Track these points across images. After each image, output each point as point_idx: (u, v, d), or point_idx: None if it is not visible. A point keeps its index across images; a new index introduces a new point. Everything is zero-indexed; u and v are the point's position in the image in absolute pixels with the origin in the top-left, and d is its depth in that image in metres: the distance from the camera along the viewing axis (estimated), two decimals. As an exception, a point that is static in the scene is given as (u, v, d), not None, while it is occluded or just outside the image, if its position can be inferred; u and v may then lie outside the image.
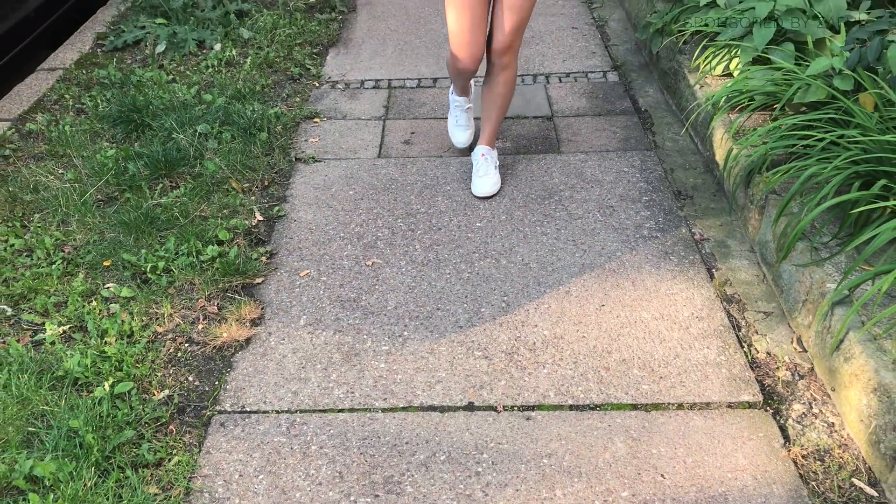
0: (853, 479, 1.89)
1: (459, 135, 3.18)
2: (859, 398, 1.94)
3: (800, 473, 1.91)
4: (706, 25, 3.21)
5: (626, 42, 4.18)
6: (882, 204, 2.06)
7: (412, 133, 3.40)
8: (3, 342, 2.30)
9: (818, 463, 1.94)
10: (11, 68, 4.08)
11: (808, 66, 2.60)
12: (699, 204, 2.89)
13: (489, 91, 2.90)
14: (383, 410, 2.10)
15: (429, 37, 4.31)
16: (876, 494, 1.86)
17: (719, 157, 2.89)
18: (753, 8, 2.88)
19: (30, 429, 2.00)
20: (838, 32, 2.83)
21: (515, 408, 2.10)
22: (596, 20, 4.46)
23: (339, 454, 1.98)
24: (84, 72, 3.86)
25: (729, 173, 2.78)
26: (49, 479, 1.85)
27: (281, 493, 1.88)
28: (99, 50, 4.14)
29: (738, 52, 2.94)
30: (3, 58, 3.98)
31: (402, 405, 2.12)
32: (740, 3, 3.06)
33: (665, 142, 3.27)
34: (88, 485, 1.85)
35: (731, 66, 3.03)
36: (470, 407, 2.11)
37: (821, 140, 2.38)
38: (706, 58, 3.18)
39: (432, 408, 2.11)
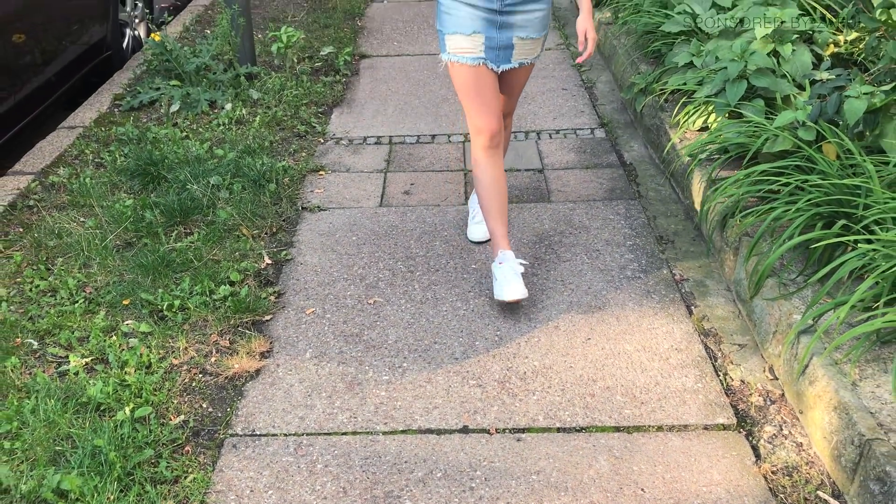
0: (818, 492, 2.05)
1: (475, 230, 3.15)
2: (822, 417, 2.11)
3: (769, 487, 2.07)
4: (685, 84, 3.46)
5: (612, 102, 4.44)
6: (840, 239, 2.25)
7: (412, 184, 3.62)
8: (30, 373, 2.47)
9: (786, 478, 2.10)
10: (33, 127, 4.32)
11: (775, 119, 2.83)
12: (679, 248, 3.09)
13: (492, 186, 2.77)
14: (384, 433, 2.26)
15: (427, 97, 4.57)
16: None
17: (697, 204, 3.10)
18: (726, 67, 3.12)
19: (56, 448, 2.16)
20: (804, 89, 3.08)
21: (507, 430, 2.26)
22: (584, 82, 4.73)
23: (343, 472, 2.13)
24: (103, 129, 4.11)
25: (706, 219, 2.99)
26: (75, 493, 2.00)
27: (289, 507, 2.03)
28: (116, 109, 4.39)
29: (714, 108, 3.18)
30: (27, 118, 4.22)
31: (401, 428, 2.28)
32: (715, 63, 3.31)
33: (648, 192, 3.49)
34: (111, 498, 2.00)
35: (709, 121, 3.27)
36: (465, 430, 2.27)
37: (787, 185, 2.59)
38: (685, 114, 3.42)
39: (430, 430, 2.27)
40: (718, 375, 2.45)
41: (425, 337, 2.64)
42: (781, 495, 2.04)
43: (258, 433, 2.27)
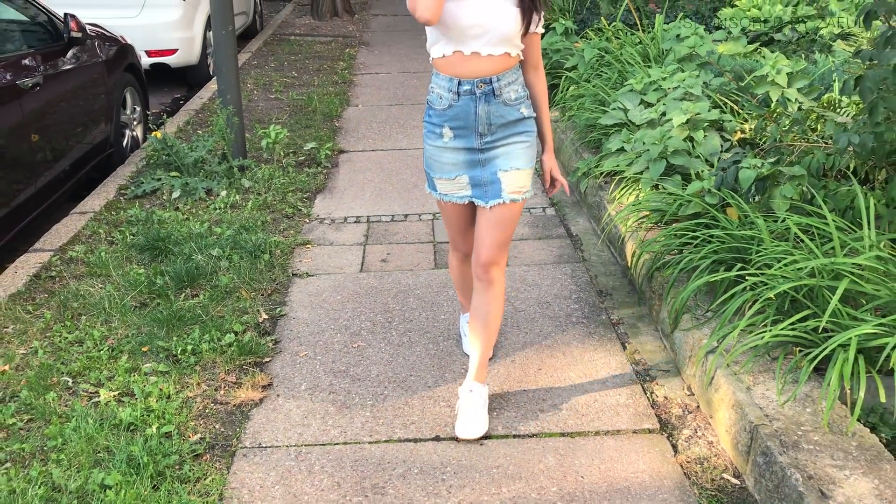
0: (723, 475, 2.54)
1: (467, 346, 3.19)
2: (725, 415, 2.62)
3: (684, 472, 2.55)
4: (618, 166, 4.09)
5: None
6: (737, 275, 2.81)
7: (388, 254, 4.16)
8: (68, 403, 2.90)
9: (698, 466, 2.58)
10: (45, 215, 4.82)
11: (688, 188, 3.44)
12: (616, 299, 3.64)
13: (474, 312, 2.79)
14: (370, 443, 2.72)
15: (400, 185, 5.17)
16: (738, 483, 2.50)
17: (630, 262, 3.67)
18: (649, 150, 3.76)
19: (97, 456, 2.59)
20: (713, 166, 3.71)
21: (472, 439, 2.73)
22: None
23: (337, 471, 2.58)
24: (112, 213, 4.63)
25: (636, 272, 3.55)
26: (117, 487, 2.43)
27: (293, 497, 2.47)
28: (122, 197, 4.92)
29: (641, 184, 3.80)
30: (42, 205, 4.72)
31: (384, 439, 2.74)
32: (641, 147, 3.95)
33: (591, 256, 4.06)
34: (146, 491, 2.43)
35: (638, 195, 3.88)
36: (437, 438, 2.74)
37: (696, 238, 3.18)
38: (620, 190, 4.03)
39: (408, 440, 2.73)
40: (646, 394, 2.96)
41: (402, 371, 3.13)
42: (693, 477, 2.53)
43: (264, 445, 2.72)
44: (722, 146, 3.84)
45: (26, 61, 4.60)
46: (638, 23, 6.26)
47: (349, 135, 6.25)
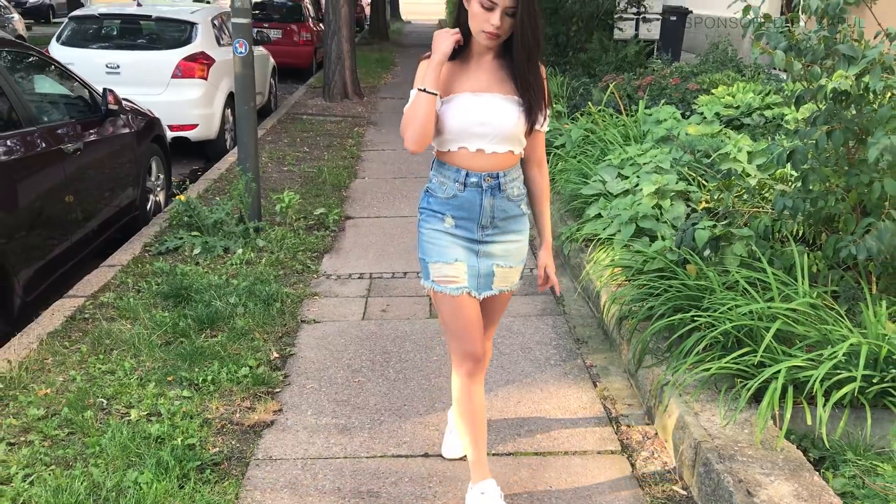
0: (673, 487, 2.92)
1: (452, 445, 3.12)
2: (676, 435, 3.02)
3: (640, 485, 2.94)
4: (596, 230, 4.57)
5: (549, 251, 5.54)
6: (688, 315, 3.25)
7: (388, 305, 4.60)
8: (103, 421, 3.31)
9: (652, 480, 2.97)
10: (75, 268, 5.28)
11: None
12: (591, 346, 4.07)
13: (464, 406, 2.70)
14: (367, 457, 3.12)
15: (401, 247, 5.64)
16: (686, 493, 2.88)
17: (603, 314, 4.11)
18: (620, 215, 4.24)
19: (131, 460, 2.98)
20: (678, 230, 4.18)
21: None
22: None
23: (337, 479, 2.97)
24: (138, 266, 5.09)
25: (608, 321, 3.98)
26: (148, 484, 2.82)
27: (300, 498, 2.86)
28: (147, 254, 5.39)
29: (614, 244, 4.27)
30: (74, 259, 5.18)
31: (379, 454, 3.13)
32: (615, 213, 4.44)
33: (571, 310, 4.50)
34: (173, 488, 2.82)
35: (612, 254, 4.35)
36: (426, 455, 3.13)
37: (658, 290, 3.62)
38: (597, 251, 4.50)
39: (400, 456, 3.13)
40: (611, 423, 3.36)
41: (397, 402, 3.54)
42: (647, 489, 2.91)
43: (274, 458, 3.11)
44: (687, 213, 4.32)
45: (70, 129, 5.15)
46: (622, 108, 6.84)
47: (356, 203, 6.77)
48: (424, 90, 2.46)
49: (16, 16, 18.35)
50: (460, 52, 2.54)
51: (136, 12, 9.46)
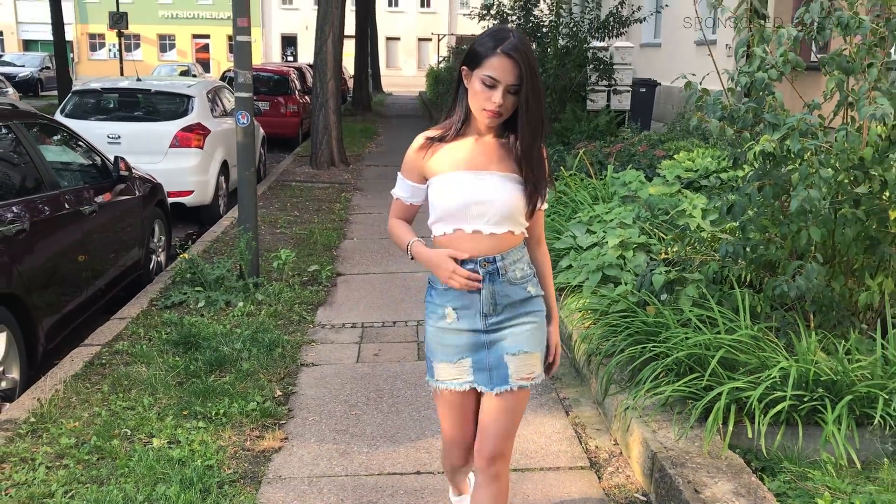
0: (634, 494, 3.35)
1: None
2: (636, 451, 3.46)
3: (605, 494, 3.36)
4: (567, 280, 5.06)
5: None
6: (642, 346, 3.72)
7: (379, 350, 5.04)
8: (128, 448, 3.69)
9: (616, 490, 3.40)
10: (85, 323, 5.67)
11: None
12: (565, 381, 4.52)
13: None
14: (365, 475, 3.52)
15: (390, 299, 6.10)
16: (645, 499, 3.31)
17: (574, 352, 4.57)
18: (588, 264, 4.75)
19: (157, 478, 3.37)
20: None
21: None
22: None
23: (340, 492, 3.37)
24: (147, 318, 5.51)
25: (579, 359, 4.44)
26: (175, 497, 3.21)
27: (307, 508, 3.25)
28: (153, 308, 5.81)
29: (584, 290, 4.76)
30: (85, 314, 5.58)
31: (377, 472, 3.54)
32: (585, 263, 4.94)
33: (546, 352, 4.96)
34: (197, 500, 3.21)
35: (582, 300, 4.83)
36: (418, 472, 3.55)
37: (618, 326, 4.10)
38: (569, 298, 4.98)
39: (395, 473, 3.54)
40: (581, 444, 3.79)
41: (391, 430, 3.95)
42: (612, 496, 3.34)
43: (283, 477, 3.51)
44: (647, 262, 4.83)
45: (86, 193, 5.62)
46: (592, 172, 7.43)
47: (346, 261, 7.24)
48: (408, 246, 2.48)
49: (10, 90, 18.99)
50: (459, 130, 2.45)
51: (136, 86, 10.06)
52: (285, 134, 16.77)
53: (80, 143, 6.11)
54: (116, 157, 6.23)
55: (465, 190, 2.39)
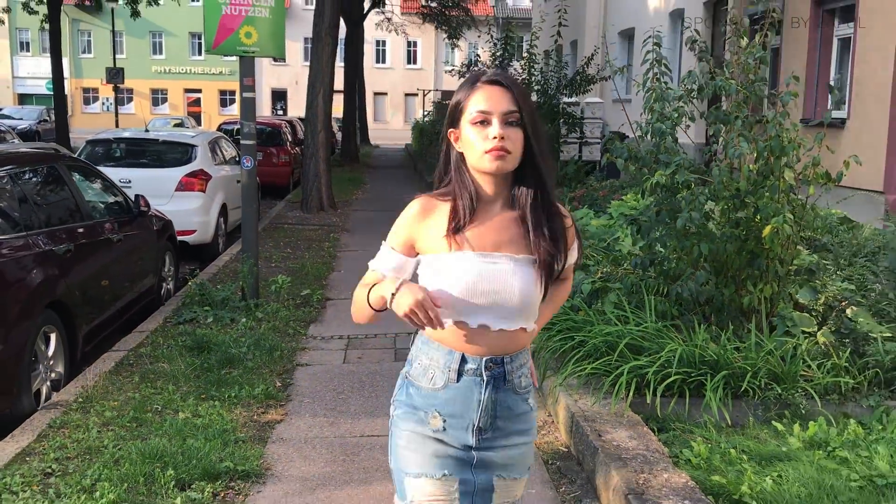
0: (559, 447, 4.31)
1: None
2: (561, 415, 4.42)
3: (537, 447, 4.31)
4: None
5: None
6: (569, 336, 4.72)
7: (362, 354, 6.00)
8: (160, 417, 4.62)
9: (546, 445, 4.35)
10: (110, 336, 6.59)
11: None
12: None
13: None
14: (349, 437, 4.46)
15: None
16: (566, 450, 4.27)
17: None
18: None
19: (187, 435, 4.30)
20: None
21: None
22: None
23: (329, 448, 4.31)
24: (164, 331, 6.45)
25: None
26: (203, 444, 4.14)
27: (303, 458, 4.18)
28: (168, 324, 6.75)
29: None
30: (110, 328, 6.51)
31: (358, 435, 4.48)
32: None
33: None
34: (222, 443, 4.14)
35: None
36: (391, 435, 4.49)
37: (554, 324, 5.09)
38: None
39: (372, 436, 4.48)
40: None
41: (370, 408, 4.90)
42: (542, 449, 4.29)
43: (284, 438, 4.45)
44: (585, 279, 5.84)
45: (113, 224, 6.61)
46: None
47: (334, 289, 8.22)
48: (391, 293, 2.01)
49: (17, 139, 20.01)
50: (473, 210, 2.07)
51: (144, 136, 11.11)
52: (277, 182, 17.82)
53: (108, 183, 7.12)
54: (137, 196, 7.23)
55: (470, 277, 2.01)
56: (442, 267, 2.06)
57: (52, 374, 5.25)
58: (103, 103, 50.78)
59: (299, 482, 3.95)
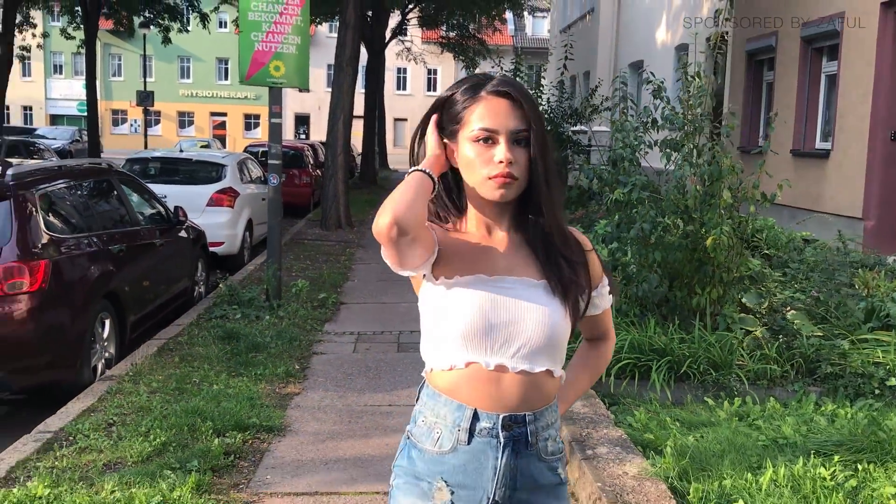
0: (529, 417, 5.17)
1: None
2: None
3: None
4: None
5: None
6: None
7: (370, 347, 6.91)
8: (197, 390, 5.53)
9: (518, 415, 5.22)
10: (149, 329, 7.52)
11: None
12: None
13: None
14: (357, 406, 5.35)
15: (380, 318, 7.97)
16: (535, 418, 5.13)
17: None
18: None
19: (221, 399, 5.21)
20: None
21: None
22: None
23: (340, 413, 5.20)
24: (198, 323, 7.39)
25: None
26: (236, 407, 5.04)
27: (317, 422, 5.08)
28: (201, 319, 7.69)
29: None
30: (148, 324, 7.43)
31: (364, 405, 5.37)
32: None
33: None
34: (247, 408, 5.04)
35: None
36: (390, 405, 5.38)
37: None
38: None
39: (375, 405, 5.37)
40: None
41: (374, 386, 5.80)
42: (514, 417, 5.16)
43: (301, 406, 5.34)
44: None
45: (156, 230, 7.59)
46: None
47: (348, 295, 9.15)
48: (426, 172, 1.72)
49: (55, 158, 21.24)
50: (455, 229, 1.84)
51: (178, 156, 12.16)
52: (298, 203, 18.85)
53: (151, 195, 8.11)
54: (176, 207, 8.22)
55: (481, 303, 1.72)
56: (450, 293, 1.73)
57: (106, 354, 6.19)
58: (131, 125, 52.42)
59: (312, 436, 4.85)
